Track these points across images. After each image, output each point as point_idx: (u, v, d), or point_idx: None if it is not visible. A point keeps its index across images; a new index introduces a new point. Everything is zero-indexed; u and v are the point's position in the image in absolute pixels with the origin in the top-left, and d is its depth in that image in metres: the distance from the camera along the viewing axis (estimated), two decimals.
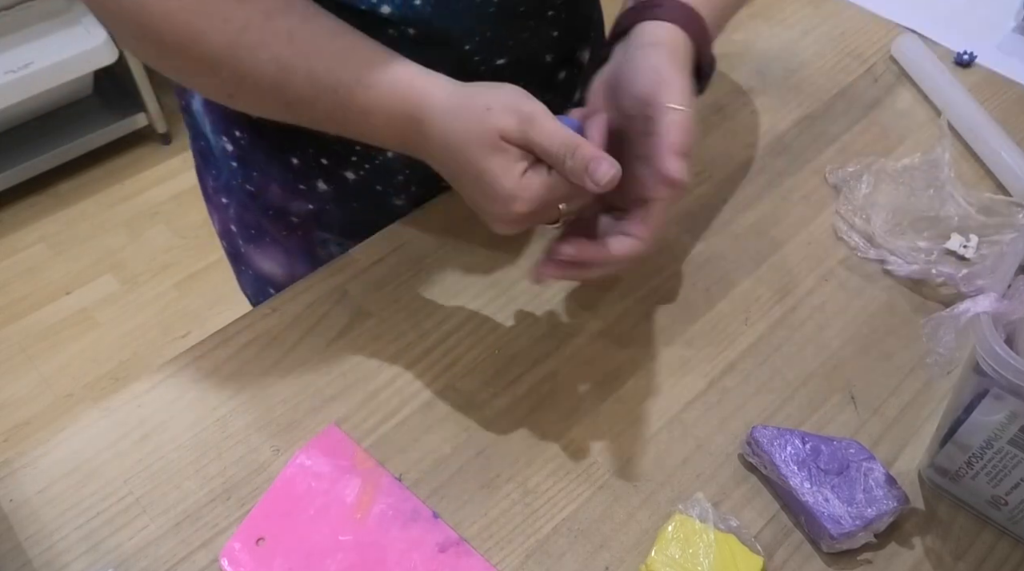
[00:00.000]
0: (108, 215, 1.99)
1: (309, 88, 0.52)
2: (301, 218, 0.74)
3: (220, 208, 0.80)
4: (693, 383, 0.60)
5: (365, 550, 0.51)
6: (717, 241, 0.69)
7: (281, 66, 0.51)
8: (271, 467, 0.55)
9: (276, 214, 0.75)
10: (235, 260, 0.85)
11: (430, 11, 0.56)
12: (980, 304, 0.46)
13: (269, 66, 0.51)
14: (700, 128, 0.79)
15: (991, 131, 0.76)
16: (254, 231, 0.78)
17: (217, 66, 0.51)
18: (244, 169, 0.73)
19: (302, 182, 0.70)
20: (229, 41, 0.50)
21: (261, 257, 0.80)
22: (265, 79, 0.51)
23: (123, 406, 0.58)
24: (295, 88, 0.52)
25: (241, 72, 0.51)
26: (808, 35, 0.90)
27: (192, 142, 0.79)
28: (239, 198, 0.76)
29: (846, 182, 0.72)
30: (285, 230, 0.76)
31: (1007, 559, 0.52)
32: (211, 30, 0.50)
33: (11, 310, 1.81)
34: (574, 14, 0.67)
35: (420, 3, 0.55)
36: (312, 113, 0.54)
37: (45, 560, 0.51)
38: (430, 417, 0.58)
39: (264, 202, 0.74)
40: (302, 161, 0.69)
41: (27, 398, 1.66)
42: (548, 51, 0.67)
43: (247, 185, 0.74)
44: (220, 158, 0.74)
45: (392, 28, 0.56)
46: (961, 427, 0.49)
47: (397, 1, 0.55)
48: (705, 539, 0.50)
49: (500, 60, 0.62)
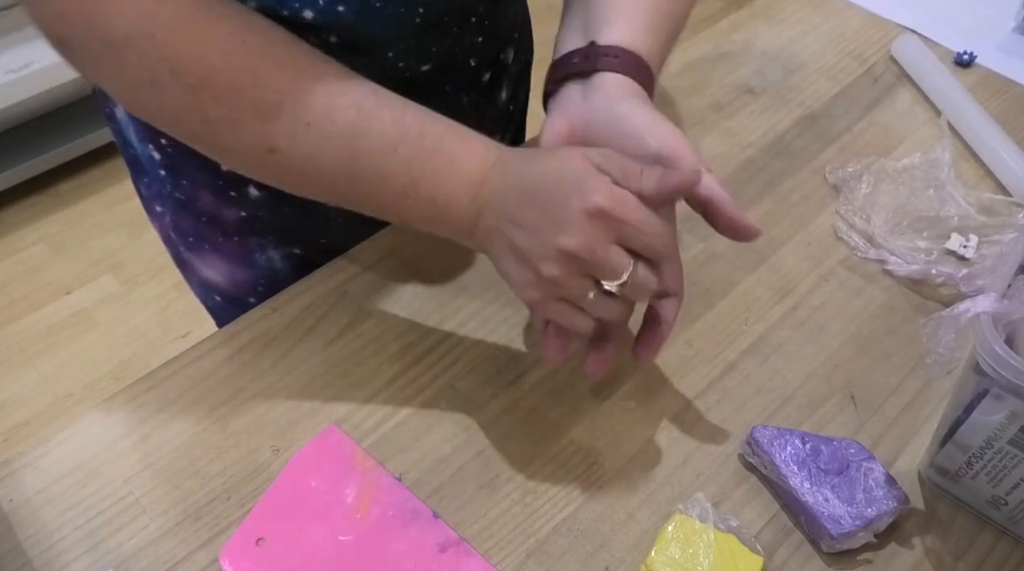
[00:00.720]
0: (108, 215, 1.99)
1: (394, 131, 0.49)
2: (234, 225, 0.72)
3: (156, 216, 0.77)
4: (693, 383, 0.60)
5: (365, 550, 0.51)
6: (717, 241, 0.69)
7: (363, 112, 0.49)
8: (271, 467, 0.55)
9: (209, 221, 0.72)
10: (181, 267, 0.82)
11: (353, 18, 0.54)
12: (980, 304, 0.46)
13: (348, 111, 0.48)
14: (699, 128, 0.79)
15: (991, 131, 0.76)
16: (192, 238, 0.76)
17: (278, 110, 0.48)
18: (173, 177, 0.70)
19: (232, 189, 0.68)
20: (302, 87, 0.48)
21: (201, 264, 0.78)
22: (340, 124, 0.48)
23: (123, 406, 0.58)
24: (376, 132, 0.49)
25: (308, 118, 0.48)
26: (808, 35, 0.90)
27: (121, 150, 0.76)
28: (172, 206, 0.74)
29: (846, 182, 0.72)
30: (221, 237, 0.73)
31: (1007, 559, 0.52)
32: (281, 74, 0.48)
33: (11, 310, 1.81)
34: (498, 19, 0.67)
35: (343, 10, 0.54)
36: (381, 162, 0.50)
37: (45, 560, 0.51)
38: (430, 417, 0.58)
39: (196, 210, 0.72)
40: None
41: (27, 398, 1.66)
42: (473, 56, 0.66)
43: (176, 193, 0.71)
44: (148, 166, 0.72)
45: (314, 36, 0.54)
46: (961, 427, 0.49)
47: (320, 7, 0.53)
48: (705, 539, 0.50)
49: (425, 67, 0.61)
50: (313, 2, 0.52)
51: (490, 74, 0.71)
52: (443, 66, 0.63)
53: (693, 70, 0.86)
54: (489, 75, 0.71)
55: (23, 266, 1.89)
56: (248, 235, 0.73)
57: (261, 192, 0.68)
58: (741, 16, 0.93)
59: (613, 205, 0.45)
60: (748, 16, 0.93)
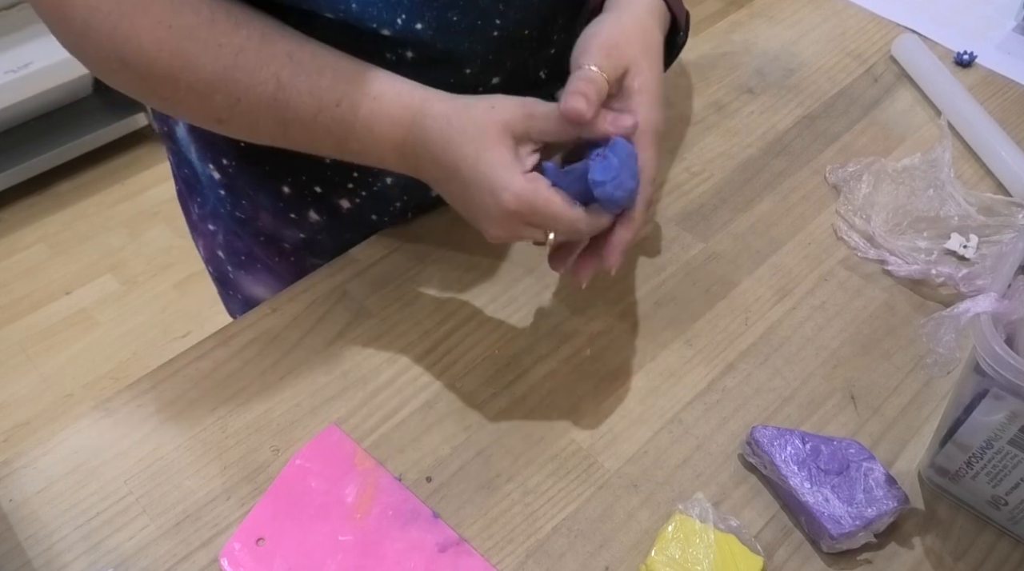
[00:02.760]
0: (108, 215, 1.99)
1: (311, 102, 0.51)
2: (292, 245, 0.73)
3: (206, 234, 0.78)
4: (693, 383, 0.60)
5: (365, 550, 0.51)
6: (717, 241, 0.69)
7: (281, 83, 0.51)
8: (271, 467, 0.55)
9: (267, 240, 0.74)
10: (223, 285, 0.83)
11: (431, 35, 0.55)
12: (980, 304, 0.46)
13: (268, 84, 0.51)
14: (700, 128, 0.79)
15: (991, 131, 0.76)
16: (244, 257, 0.77)
17: (210, 90, 0.51)
18: (232, 197, 0.71)
19: (293, 211, 0.69)
20: (225, 64, 0.50)
21: (251, 282, 0.78)
22: (263, 98, 0.51)
23: (123, 406, 0.58)
24: (295, 105, 0.51)
25: (236, 94, 0.51)
26: (808, 35, 0.90)
27: (176, 169, 0.77)
28: (227, 225, 0.75)
29: (846, 182, 0.72)
30: (277, 256, 0.75)
31: (1007, 559, 0.52)
32: (205, 54, 0.50)
33: (11, 310, 1.81)
34: (575, 32, 0.67)
35: (422, 27, 0.54)
36: (309, 132, 0.53)
37: (45, 560, 0.51)
38: (430, 417, 0.58)
39: (255, 229, 0.73)
40: (293, 189, 0.67)
41: (27, 398, 1.66)
42: (543, 67, 0.66)
43: (236, 212, 0.72)
44: (207, 185, 0.73)
45: (390, 51, 0.56)
46: (961, 427, 0.49)
47: (399, 25, 0.54)
48: (705, 539, 0.50)
49: (496, 79, 0.61)
50: (391, 21, 0.53)
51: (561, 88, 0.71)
52: (513, 78, 0.63)
53: (693, 70, 0.86)
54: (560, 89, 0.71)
55: (23, 266, 1.89)
56: (306, 256, 0.74)
57: (321, 217, 0.69)
58: (741, 16, 0.93)
59: (521, 208, 0.49)
60: (748, 16, 0.93)
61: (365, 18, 0.52)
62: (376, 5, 0.52)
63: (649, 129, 0.52)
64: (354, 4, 0.52)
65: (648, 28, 0.55)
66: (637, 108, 0.52)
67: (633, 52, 0.53)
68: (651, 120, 0.52)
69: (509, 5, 0.57)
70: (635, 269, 0.67)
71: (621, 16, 0.55)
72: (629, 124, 0.50)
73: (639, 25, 0.54)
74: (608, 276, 0.65)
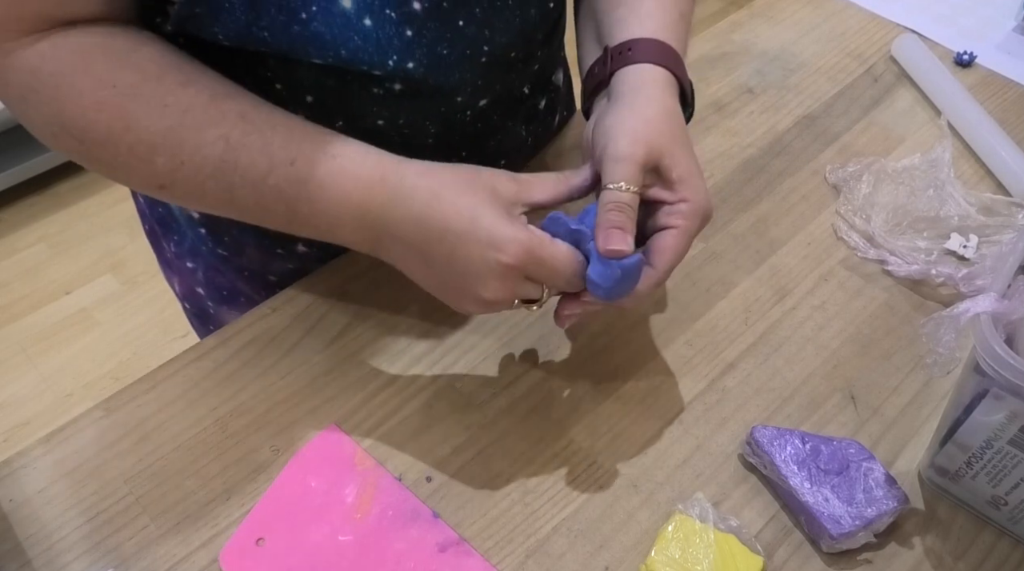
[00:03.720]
0: (108, 215, 1.99)
1: (262, 161, 0.48)
2: (279, 277, 0.70)
3: (184, 272, 0.75)
4: (693, 383, 0.60)
5: (365, 550, 0.51)
6: (717, 241, 0.69)
7: (231, 144, 0.48)
8: (271, 467, 0.55)
9: (252, 275, 0.71)
10: (201, 320, 0.80)
11: (423, 71, 0.54)
12: (980, 304, 0.46)
13: (216, 145, 0.48)
14: (699, 128, 0.79)
15: (991, 131, 0.76)
16: (226, 292, 0.74)
17: (152, 153, 0.48)
18: (213, 235, 0.69)
19: (280, 246, 0.67)
20: (169, 125, 0.47)
21: (234, 316, 0.73)
22: (210, 159, 0.48)
23: (123, 406, 0.58)
24: (244, 165, 0.48)
25: (180, 156, 0.48)
26: (808, 35, 0.90)
27: (147, 209, 0.74)
28: (208, 261, 0.72)
29: (846, 182, 0.72)
30: (263, 290, 0.71)
31: (1007, 559, 0.52)
32: (149, 114, 0.47)
33: (11, 310, 1.81)
34: (554, 45, 0.66)
35: (413, 66, 0.53)
36: (257, 195, 0.49)
37: (45, 560, 0.51)
38: (430, 417, 0.58)
39: (238, 265, 0.70)
40: None
41: (27, 398, 1.66)
42: (527, 83, 0.65)
43: (219, 249, 0.70)
44: (184, 224, 0.70)
45: (377, 87, 0.54)
46: (961, 427, 0.49)
47: (390, 66, 0.52)
48: (705, 539, 0.50)
49: (483, 101, 0.60)
50: (382, 63, 0.52)
51: (544, 100, 0.71)
52: (500, 98, 0.62)
53: (693, 70, 0.85)
54: (544, 102, 0.71)
55: (23, 266, 1.89)
56: None
57: (310, 247, 0.67)
58: (741, 16, 0.93)
59: (526, 259, 0.47)
60: (748, 16, 0.93)
61: (355, 62, 0.51)
62: (366, 51, 0.51)
63: (698, 213, 0.50)
64: (343, 51, 0.50)
65: (671, 111, 0.52)
66: (683, 197, 0.50)
67: (664, 142, 0.49)
68: (701, 204, 0.50)
69: (494, 30, 0.55)
70: None
71: (639, 102, 0.51)
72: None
73: (663, 109, 0.51)
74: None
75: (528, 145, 0.71)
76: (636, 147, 0.48)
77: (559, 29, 0.66)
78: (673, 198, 0.50)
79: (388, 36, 0.51)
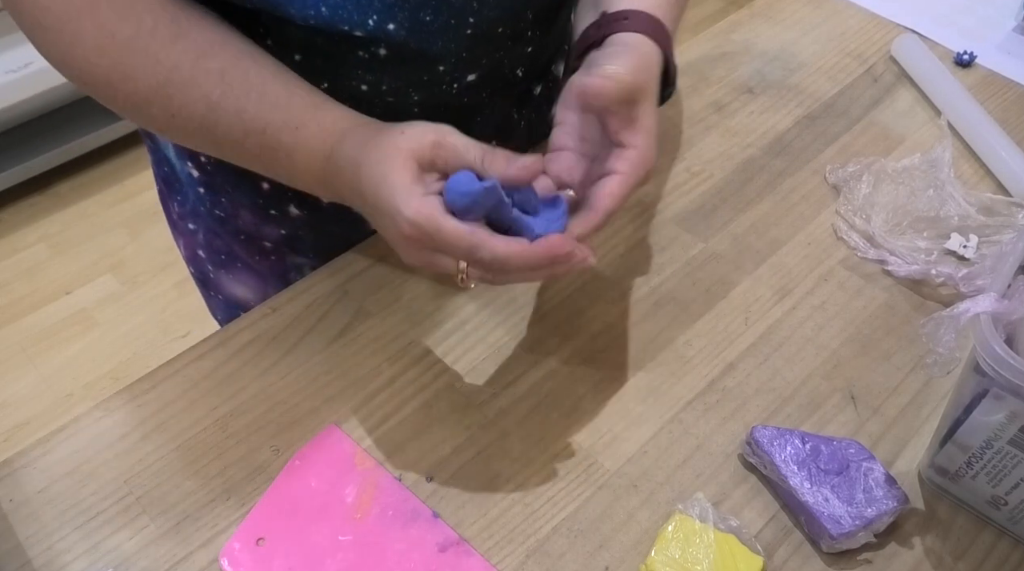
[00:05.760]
0: (108, 215, 1.99)
1: (238, 127, 0.52)
2: (274, 243, 0.73)
3: (187, 234, 0.78)
4: (693, 383, 0.60)
5: (365, 550, 0.51)
6: (717, 241, 0.69)
7: (211, 106, 0.51)
8: (271, 467, 0.55)
9: (248, 239, 0.73)
10: (204, 285, 0.82)
11: (404, 35, 0.55)
12: (980, 304, 0.46)
13: (199, 105, 0.51)
14: (700, 128, 0.79)
15: (991, 131, 0.76)
16: (224, 256, 0.76)
17: (147, 104, 0.51)
18: (212, 195, 0.71)
19: (273, 207, 0.69)
20: (159, 81, 0.50)
21: (232, 282, 0.78)
22: (195, 118, 0.52)
23: (123, 406, 0.58)
24: (224, 127, 0.52)
25: (171, 110, 0.51)
26: (808, 35, 0.90)
27: (155, 167, 0.77)
28: (207, 223, 0.74)
29: (846, 182, 0.72)
30: (258, 255, 0.74)
31: (1007, 559, 0.52)
32: (142, 69, 0.50)
33: (11, 310, 1.81)
34: (550, 31, 0.66)
35: (394, 28, 0.54)
36: (240, 152, 0.54)
37: (45, 560, 0.51)
38: (430, 417, 0.58)
39: (234, 227, 0.72)
40: (272, 185, 0.66)
41: (27, 398, 1.66)
42: (519, 65, 0.65)
43: (216, 210, 0.72)
44: (186, 183, 0.73)
45: (363, 50, 0.55)
46: (961, 427, 0.49)
47: (370, 26, 0.53)
48: (705, 539, 0.50)
49: (471, 76, 0.61)
50: (363, 23, 0.53)
51: (541, 87, 0.71)
52: (489, 76, 0.62)
53: (693, 70, 0.86)
54: (540, 88, 0.71)
55: (23, 266, 1.89)
56: (287, 254, 0.73)
57: (302, 211, 0.68)
58: (741, 16, 0.93)
59: (415, 232, 0.47)
60: (748, 16, 0.93)
61: (336, 21, 0.52)
62: (346, 8, 0.52)
63: (643, 165, 0.51)
64: (324, 8, 0.51)
65: (655, 73, 0.53)
66: (636, 143, 0.50)
67: (648, 85, 0.51)
68: (648, 157, 0.51)
69: (482, 3, 0.56)
70: (635, 269, 0.67)
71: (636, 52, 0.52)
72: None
73: (651, 64, 0.52)
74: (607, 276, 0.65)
75: (521, 128, 0.71)
76: (627, 71, 0.50)
77: (558, 15, 0.66)
78: (628, 141, 0.50)
79: None
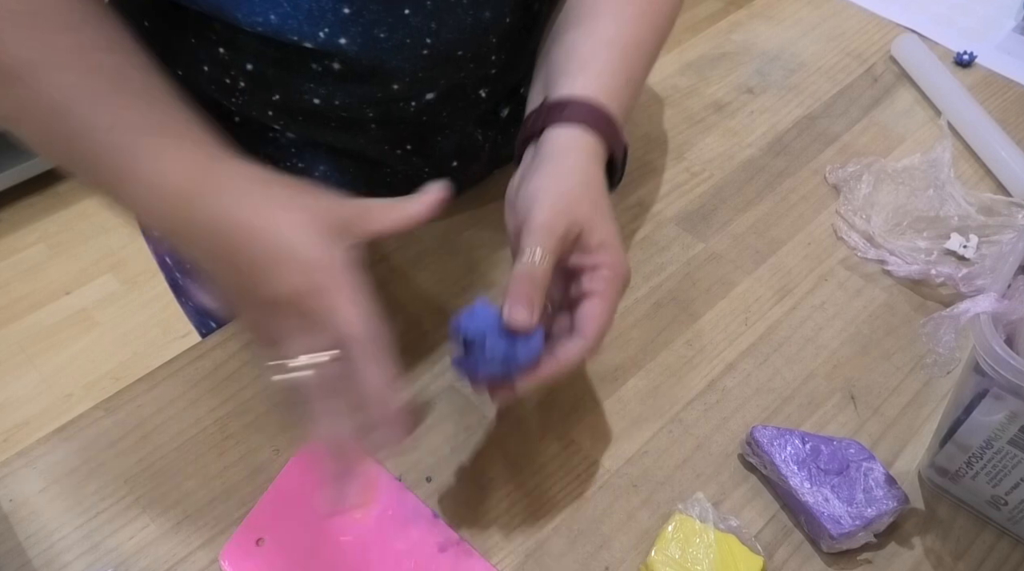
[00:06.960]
0: (108, 215, 1.99)
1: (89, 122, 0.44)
2: None
3: (153, 240, 0.75)
4: (693, 383, 0.60)
5: (365, 550, 0.51)
6: (717, 241, 0.69)
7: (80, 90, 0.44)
8: (271, 467, 0.55)
9: None
10: (176, 291, 0.81)
11: (356, 50, 0.53)
12: (980, 304, 0.46)
13: (66, 89, 0.44)
14: (699, 128, 0.79)
15: (991, 131, 0.76)
16: (189, 265, 0.73)
17: (12, 80, 0.44)
18: None
19: None
20: (31, 58, 0.44)
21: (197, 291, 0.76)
22: (58, 101, 0.44)
23: (123, 406, 0.58)
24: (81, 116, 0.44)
25: (37, 89, 0.44)
26: (808, 35, 0.90)
27: None
28: None
29: (846, 182, 0.72)
30: None
31: (1007, 559, 0.52)
32: (19, 41, 0.44)
33: (11, 310, 1.81)
34: (516, 53, 0.64)
35: (346, 42, 0.52)
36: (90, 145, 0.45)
37: (45, 560, 0.51)
38: (430, 417, 0.58)
39: None
40: None
41: (27, 398, 1.66)
42: (482, 87, 0.64)
43: None
44: None
45: (316, 63, 0.54)
46: (961, 427, 0.49)
47: (320, 39, 0.52)
48: (705, 539, 0.50)
49: (429, 95, 0.59)
50: (312, 35, 0.51)
51: (509, 110, 0.70)
52: (449, 95, 0.61)
53: (693, 70, 0.86)
54: (508, 111, 0.70)
55: (23, 266, 1.89)
56: None
57: None
58: (741, 16, 0.93)
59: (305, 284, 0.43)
60: (748, 16, 0.93)
61: (285, 30, 0.51)
62: (296, 18, 0.50)
63: (619, 278, 0.49)
64: (272, 16, 0.50)
65: (592, 180, 0.50)
66: (603, 262, 0.48)
67: (583, 211, 0.48)
68: (621, 270, 0.49)
69: (442, 25, 0.55)
70: (635, 269, 0.67)
71: (562, 171, 0.50)
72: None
73: (584, 179, 0.50)
74: None
75: (485, 151, 0.70)
76: (556, 218, 0.47)
77: (527, 38, 0.65)
78: (593, 263, 0.48)
79: (322, 9, 0.51)
